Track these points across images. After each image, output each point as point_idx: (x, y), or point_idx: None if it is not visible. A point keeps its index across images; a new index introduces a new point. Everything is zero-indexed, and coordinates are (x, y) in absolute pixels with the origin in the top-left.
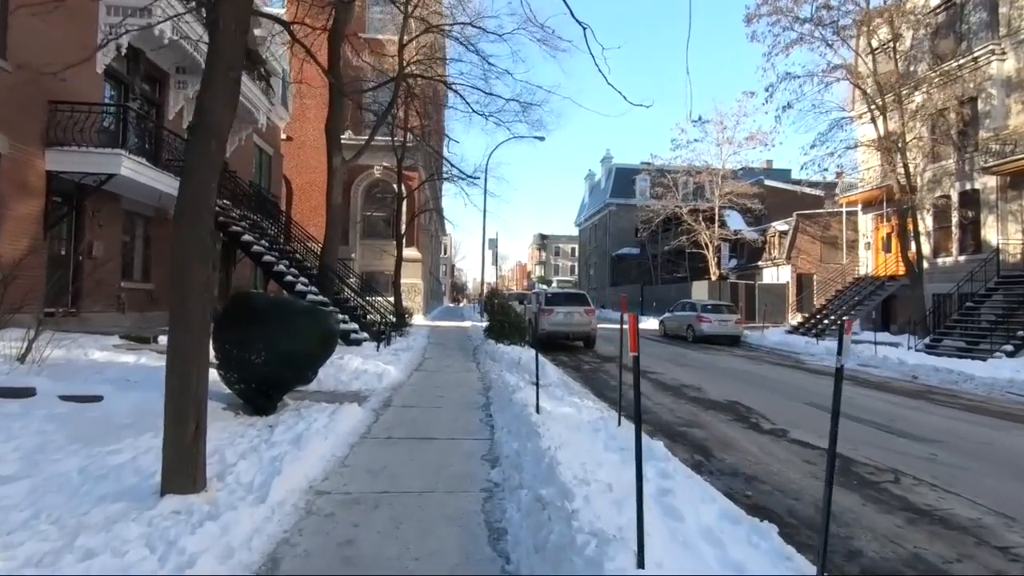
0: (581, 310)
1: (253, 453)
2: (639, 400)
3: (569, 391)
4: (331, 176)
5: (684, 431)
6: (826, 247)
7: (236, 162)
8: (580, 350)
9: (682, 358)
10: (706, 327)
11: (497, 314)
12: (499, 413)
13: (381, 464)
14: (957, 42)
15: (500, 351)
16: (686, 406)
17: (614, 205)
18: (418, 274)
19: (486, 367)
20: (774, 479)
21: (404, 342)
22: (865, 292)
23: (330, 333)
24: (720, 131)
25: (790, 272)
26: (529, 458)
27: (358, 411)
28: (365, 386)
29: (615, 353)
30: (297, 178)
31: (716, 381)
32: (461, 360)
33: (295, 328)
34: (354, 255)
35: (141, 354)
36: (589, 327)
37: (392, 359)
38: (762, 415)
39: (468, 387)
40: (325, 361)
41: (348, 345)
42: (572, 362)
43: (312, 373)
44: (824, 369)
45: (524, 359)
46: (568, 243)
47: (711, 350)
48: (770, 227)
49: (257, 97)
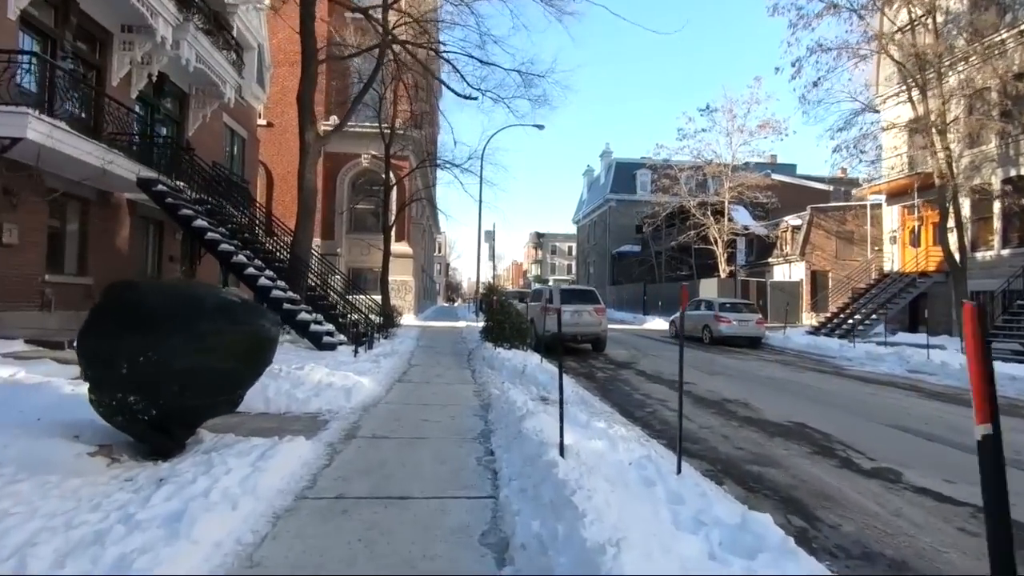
0: (590, 309)
1: (85, 550)
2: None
3: (590, 410)
4: (304, 154)
5: (756, 472)
6: (842, 243)
7: (201, 141)
8: (589, 354)
9: (709, 364)
10: (725, 328)
11: (496, 313)
12: (505, 451)
13: (315, 559)
14: (1000, 14)
15: (500, 357)
16: (742, 431)
17: (614, 201)
18: (409, 271)
19: (484, 377)
20: (941, 566)
21: (388, 345)
22: (893, 290)
23: (259, 341)
24: (730, 119)
25: (804, 269)
26: (565, 561)
27: (304, 449)
28: (327, 405)
29: (629, 358)
30: (278, 167)
31: (762, 394)
32: (454, 367)
33: (202, 334)
34: (340, 250)
35: (33, 365)
36: (599, 328)
37: (370, 367)
38: (847, 444)
39: (462, 405)
40: (254, 380)
41: (321, 350)
42: (583, 368)
43: (234, 396)
44: (874, 376)
45: (529, 367)
46: (565, 242)
47: (735, 353)
48: (782, 222)
49: (223, 67)
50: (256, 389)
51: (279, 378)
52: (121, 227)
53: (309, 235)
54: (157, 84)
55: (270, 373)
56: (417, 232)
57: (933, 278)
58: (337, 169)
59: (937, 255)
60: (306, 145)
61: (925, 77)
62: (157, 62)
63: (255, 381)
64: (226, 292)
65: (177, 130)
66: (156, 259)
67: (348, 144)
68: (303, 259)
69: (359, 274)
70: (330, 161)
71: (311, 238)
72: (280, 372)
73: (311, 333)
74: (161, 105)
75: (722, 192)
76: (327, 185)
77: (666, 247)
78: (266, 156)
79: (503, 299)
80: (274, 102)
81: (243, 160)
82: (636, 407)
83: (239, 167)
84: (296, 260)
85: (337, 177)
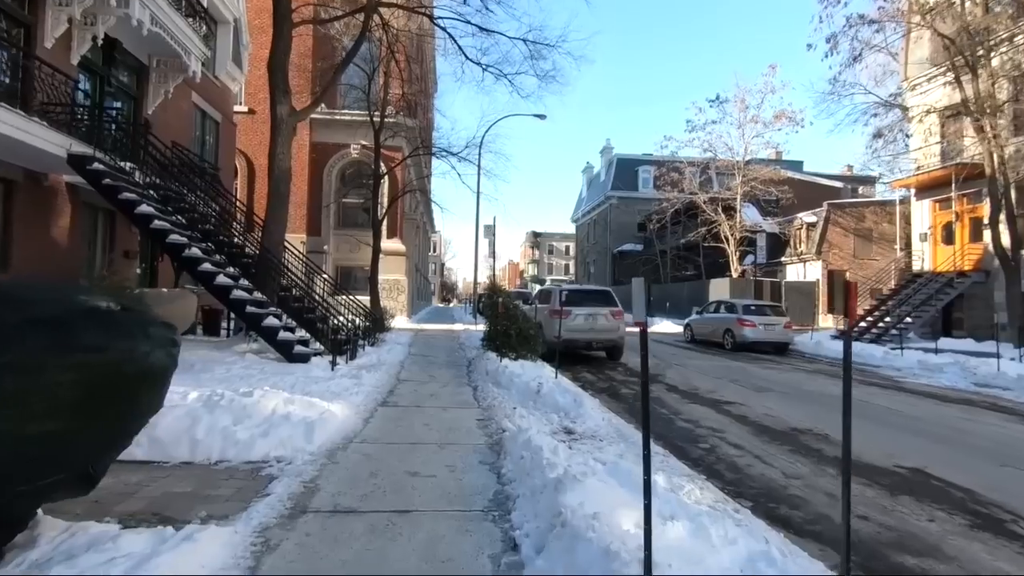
0: (607, 312)
1: None
2: None
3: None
4: (276, 130)
5: (920, 572)
6: (860, 241)
7: (165, 122)
8: (605, 363)
9: (746, 376)
10: (750, 332)
11: (501, 318)
12: (539, 553)
13: None
14: None
15: (507, 371)
16: (856, 485)
17: (615, 198)
18: (402, 269)
19: (488, 397)
20: None
21: (375, 354)
22: (928, 291)
23: (124, 378)
24: (742, 110)
25: (820, 269)
26: None
27: (213, 551)
28: (278, 450)
29: (652, 368)
30: (261, 158)
31: (836, 420)
32: (451, 384)
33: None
34: (327, 247)
35: None
36: (617, 334)
37: (349, 385)
38: (1003, 507)
39: (464, 445)
40: (123, 440)
41: (291, 362)
42: (602, 381)
43: (83, 472)
44: (943, 393)
45: (545, 386)
46: (562, 241)
47: (766, 362)
48: (795, 219)
49: (185, 36)
50: (181, 426)
51: (217, 409)
52: (58, 215)
53: (282, 226)
54: (107, 51)
55: (207, 401)
56: (410, 228)
57: (972, 278)
58: (324, 160)
59: (975, 253)
60: (278, 120)
61: (976, 53)
62: (103, 23)
63: (127, 441)
64: (64, 291)
65: (134, 107)
66: (106, 255)
67: (336, 133)
68: (275, 254)
69: (348, 273)
70: (316, 151)
71: (284, 230)
72: (220, 400)
73: (279, 342)
74: (113, 76)
75: (734, 187)
76: (313, 177)
77: (672, 246)
78: (247, 146)
79: (509, 301)
80: (256, 87)
81: (217, 146)
82: (687, 441)
83: (212, 154)
84: (266, 256)
85: (324, 169)
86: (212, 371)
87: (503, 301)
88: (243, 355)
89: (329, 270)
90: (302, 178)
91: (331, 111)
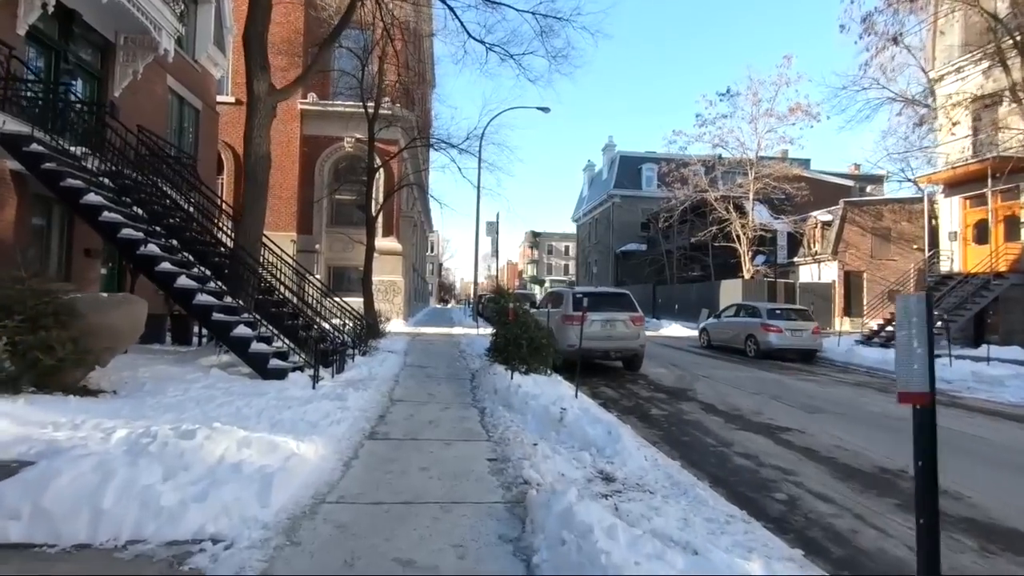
0: (625, 318)
1: None
2: None
3: (703, 510)
4: (252, 110)
5: None
6: (877, 240)
7: (135, 106)
8: (623, 375)
9: (786, 391)
10: (775, 338)
11: (512, 326)
12: None
13: None
14: None
15: (520, 391)
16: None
17: (618, 197)
18: (398, 269)
19: (501, 426)
20: None
21: (367, 366)
22: (962, 293)
23: None
24: (754, 103)
25: (837, 269)
26: None
27: None
28: (217, 522)
29: (677, 380)
30: None
31: None
32: (454, 405)
33: None
34: (319, 246)
35: None
36: (637, 342)
37: (330, 409)
38: None
39: (475, 511)
40: None
41: (265, 379)
42: (626, 399)
43: None
44: (1019, 413)
45: (569, 413)
46: (562, 241)
47: (800, 372)
48: (810, 217)
49: (154, 7)
50: (83, 488)
51: (143, 457)
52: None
53: (259, 220)
54: (64, 23)
55: (132, 446)
56: (407, 227)
57: (1010, 279)
58: (316, 154)
59: (1013, 252)
60: (255, 98)
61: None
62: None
63: None
64: None
65: (98, 87)
66: (64, 253)
67: (329, 126)
68: (251, 253)
69: (341, 274)
70: (308, 145)
71: (262, 224)
72: (150, 443)
73: (251, 355)
74: (72, 52)
75: (746, 184)
76: (304, 172)
77: (679, 245)
78: (235, 139)
79: (520, 306)
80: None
81: (196, 136)
82: (757, 489)
83: (191, 144)
84: (239, 255)
85: (316, 163)
86: (164, 393)
87: (514, 306)
88: (209, 370)
89: (321, 271)
90: (292, 173)
91: (323, 102)
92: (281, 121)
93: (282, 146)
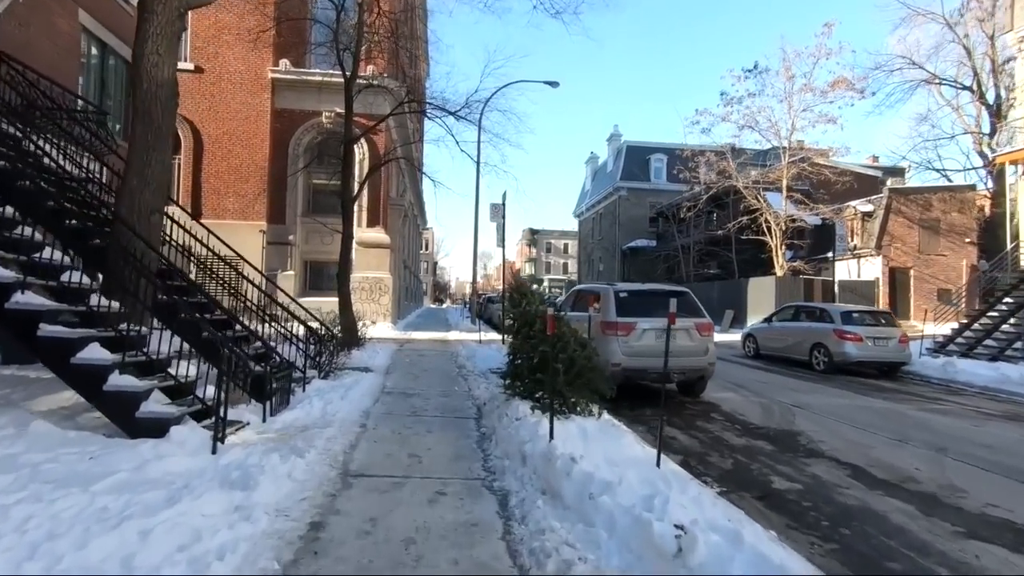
0: (689, 325)
1: None
2: None
3: None
4: (145, 10)
5: None
6: (926, 233)
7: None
8: (682, 403)
9: (931, 431)
10: (854, 349)
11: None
12: None
13: None
14: None
15: (573, 467)
16: None
17: (624, 190)
18: (385, 264)
19: (551, 554)
20: None
21: (323, 397)
22: None
23: None
24: (787, 79)
25: (881, 266)
26: None
27: None
28: None
29: (763, 414)
30: (211, 126)
31: None
32: (454, 488)
33: None
34: (293, 238)
35: None
36: (706, 359)
37: (216, 516)
38: None
39: None
40: None
41: (135, 436)
42: (717, 455)
43: None
44: None
45: (690, 531)
46: (561, 239)
47: (905, 397)
48: (847, 207)
49: None
50: None
51: None
52: None
53: (157, 182)
54: None
55: None
56: (396, 216)
57: None
58: (290, 131)
59: None
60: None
61: None
62: None
63: None
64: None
65: None
66: None
67: (304, 98)
68: (141, 231)
69: (319, 269)
70: (280, 120)
71: (164, 190)
72: None
73: (106, 396)
74: None
75: (780, 171)
76: (276, 152)
77: (695, 240)
78: (194, 111)
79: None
80: (205, 40)
81: (128, 96)
82: None
83: (119, 105)
84: (120, 233)
85: (290, 142)
86: None
87: (552, 315)
88: (30, 423)
89: (296, 266)
90: (261, 152)
91: (298, 70)
92: (248, 92)
93: (249, 121)
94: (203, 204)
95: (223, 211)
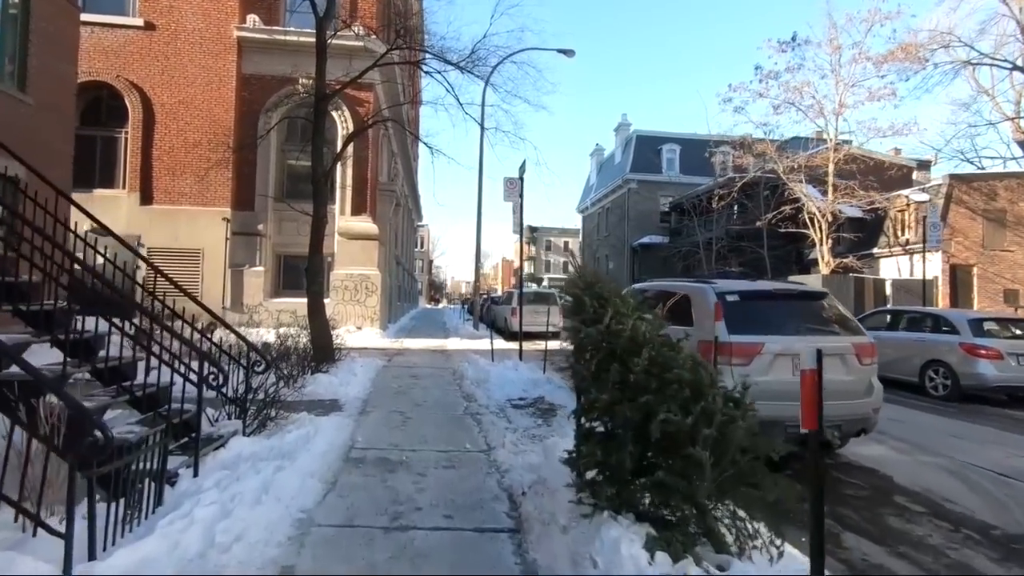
0: (847, 348)
1: None
2: None
3: None
4: None
5: None
6: (990, 227)
7: None
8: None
9: None
10: (991, 369)
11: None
12: None
13: None
14: None
15: None
16: None
17: (634, 182)
18: (372, 259)
19: None
20: None
21: (226, 491)
22: None
23: None
24: (832, 51)
25: (941, 262)
26: None
27: None
28: None
29: (958, 487)
30: (165, 94)
31: None
32: None
33: None
34: (263, 227)
35: None
36: (871, 401)
37: None
38: None
39: None
40: None
41: None
42: None
43: None
44: None
45: None
46: (561, 236)
47: None
48: (898, 196)
49: None
50: None
51: None
52: None
53: None
54: None
55: None
56: (387, 204)
57: None
58: (260, 100)
59: None
60: None
61: None
62: None
63: None
64: None
65: None
66: None
67: (278, 62)
68: None
69: (294, 265)
70: (249, 88)
71: None
72: None
73: None
74: None
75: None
76: (242, 124)
77: (718, 235)
78: (144, 77)
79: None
80: None
81: (25, 38)
82: None
83: (17, 50)
84: None
85: (261, 113)
86: None
87: (662, 340)
88: None
89: (267, 260)
90: (225, 124)
91: (270, 28)
92: (209, 54)
93: (211, 87)
94: (154, 186)
95: (178, 195)
